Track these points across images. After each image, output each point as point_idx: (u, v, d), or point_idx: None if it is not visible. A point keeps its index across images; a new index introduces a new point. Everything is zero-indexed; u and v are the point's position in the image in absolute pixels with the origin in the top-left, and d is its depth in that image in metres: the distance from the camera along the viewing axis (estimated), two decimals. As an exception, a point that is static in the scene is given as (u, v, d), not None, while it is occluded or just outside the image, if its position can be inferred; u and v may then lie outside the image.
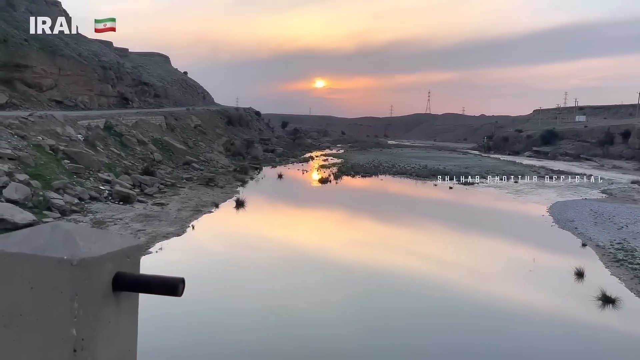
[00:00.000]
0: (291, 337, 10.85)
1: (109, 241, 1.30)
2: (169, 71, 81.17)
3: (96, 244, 1.24)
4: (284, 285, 14.29)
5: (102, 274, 1.22)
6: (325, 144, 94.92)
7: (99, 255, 1.22)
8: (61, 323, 1.17)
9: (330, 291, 14.06)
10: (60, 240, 1.22)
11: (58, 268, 1.18)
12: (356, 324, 11.77)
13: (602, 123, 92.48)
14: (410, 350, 10.48)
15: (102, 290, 1.22)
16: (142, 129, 37.53)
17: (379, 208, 28.79)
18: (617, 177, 50.37)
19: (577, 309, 13.05)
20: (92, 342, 1.20)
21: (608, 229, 22.14)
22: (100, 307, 1.22)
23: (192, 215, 22.22)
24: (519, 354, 10.59)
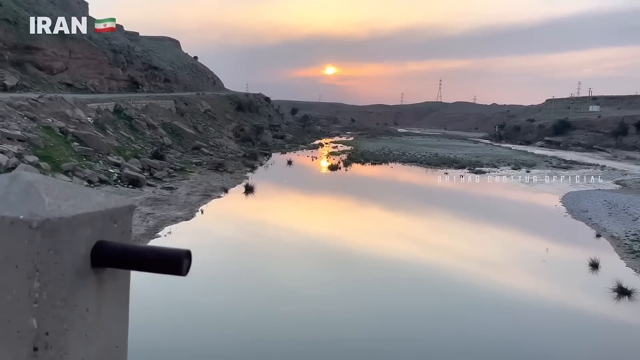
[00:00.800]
0: (297, 322, 10.71)
1: (87, 198, 0.96)
2: (179, 56, 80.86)
3: (69, 201, 0.91)
4: (291, 272, 14.15)
5: (75, 242, 0.89)
6: (334, 131, 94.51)
7: (72, 215, 0.88)
8: (15, 311, 0.85)
9: (339, 278, 13.89)
10: (18, 194, 0.88)
11: (10, 232, 0.85)
12: (363, 312, 11.60)
13: (616, 113, 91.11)
14: (420, 340, 10.30)
15: (75, 265, 0.89)
16: (151, 113, 37.40)
17: (390, 196, 28.53)
18: (630, 168, 49.60)
19: (592, 301, 12.78)
20: (62, 337, 0.88)
21: (623, 220, 21.74)
22: (72, 289, 0.89)
23: (201, 200, 22.13)
24: (533, 344, 10.37)
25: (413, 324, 11.02)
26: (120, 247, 0.96)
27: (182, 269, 0.93)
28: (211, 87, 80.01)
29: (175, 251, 0.94)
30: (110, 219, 0.99)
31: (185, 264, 0.94)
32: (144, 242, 15.14)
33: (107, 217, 0.98)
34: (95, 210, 0.94)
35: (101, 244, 0.94)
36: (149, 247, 0.96)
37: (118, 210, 1.02)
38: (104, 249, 0.94)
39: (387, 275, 14.45)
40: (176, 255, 0.94)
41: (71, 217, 0.88)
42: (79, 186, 1.05)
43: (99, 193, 1.02)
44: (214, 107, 54.71)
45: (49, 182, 0.93)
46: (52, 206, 0.87)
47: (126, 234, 1.04)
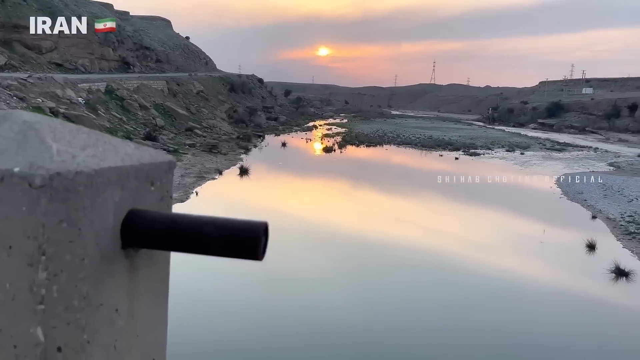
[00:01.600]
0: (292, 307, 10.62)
1: (112, 148, 0.68)
2: (171, 36, 79.62)
3: (86, 150, 0.62)
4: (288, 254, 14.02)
5: (99, 210, 0.61)
6: (328, 113, 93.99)
7: (94, 170, 0.60)
8: (11, 316, 0.56)
9: (336, 261, 13.80)
10: (11, 139, 0.59)
11: (5, 192, 0.56)
12: (361, 295, 11.53)
13: (609, 96, 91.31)
14: (418, 323, 10.25)
15: (100, 244, 0.62)
16: (143, 94, 36.85)
17: (385, 178, 28.41)
18: (623, 151, 49.82)
19: (590, 282, 12.80)
20: (81, 354, 0.60)
21: (618, 202, 21.81)
22: (96, 281, 0.62)
23: (195, 182, 21.89)
24: (531, 324, 10.36)
25: (411, 308, 10.96)
26: (164, 219, 0.69)
27: (259, 250, 0.66)
28: (203, 68, 79.02)
29: (248, 225, 0.67)
30: (146, 179, 0.71)
31: (262, 243, 0.67)
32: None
33: (141, 175, 0.70)
34: (125, 164, 0.67)
35: (136, 215, 0.68)
36: (205, 219, 0.68)
37: (156, 166, 0.74)
38: (141, 220, 0.67)
39: (384, 257, 14.38)
40: (250, 230, 0.66)
41: (93, 171, 0.59)
42: (98, 132, 0.72)
43: (127, 142, 0.74)
44: (206, 88, 54.05)
45: (55, 124, 0.65)
46: (63, 155, 0.58)
47: (166, 201, 0.76)
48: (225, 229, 0.66)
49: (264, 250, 0.68)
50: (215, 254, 0.68)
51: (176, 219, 0.69)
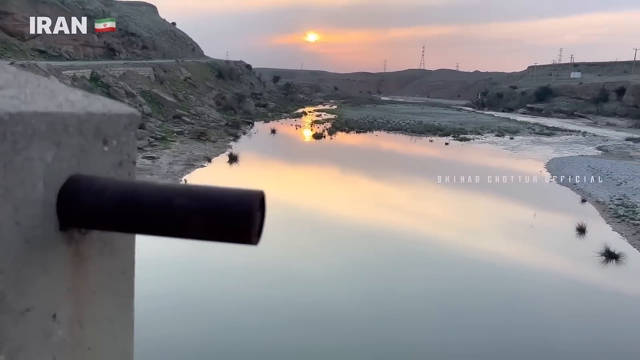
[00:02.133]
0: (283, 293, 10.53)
1: (47, 92, 0.52)
2: (157, 22, 78.33)
3: (4, 90, 0.47)
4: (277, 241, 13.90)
5: (19, 172, 0.45)
6: (317, 100, 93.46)
7: (8, 114, 0.44)
8: None
9: (325, 247, 13.72)
10: None
11: None
12: (350, 280, 11.47)
13: (597, 80, 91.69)
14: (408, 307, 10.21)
15: (21, 224, 0.46)
16: (130, 81, 36.26)
17: (376, 164, 28.30)
18: (611, 134, 50.16)
19: (581, 265, 12.84)
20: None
21: (607, 185, 21.91)
22: (17, 278, 0.46)
23: (184, 170, 21.65)
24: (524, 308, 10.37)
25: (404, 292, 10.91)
26: (119, 188, 0.51)
27: (252, 230, 0.49)
28: (190, 54, 77.98)
29: (237, 195, 0.50)
30: (96, 135, 0.55)
31: (257, 221, 0.50)
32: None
33: (88, 129, 0.53)
34: (63, 111, 0.50)
35: (79, 182, 0.51)
36: (177, 188, 0.51)
37: (110, 119, 0.57)
38: (86, 190, 0.50)
39: (376, 242, 14.33)
40: (239, 202, 0.49)
41: (7, 116, 0.43)
42: (30, 73, 0.56)
43: (74, 90, 0.59)
44: (194, 74, 53.37)
45: None
46: None
47: (127, 168, 0.59)
48: (205, 201, 0.49)
49: (260, 230, 0.51)
50: (192, 237, 0.50)
51: (137, 187, 0.51)
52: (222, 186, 0.51)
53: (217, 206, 0.48)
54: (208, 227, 0.48)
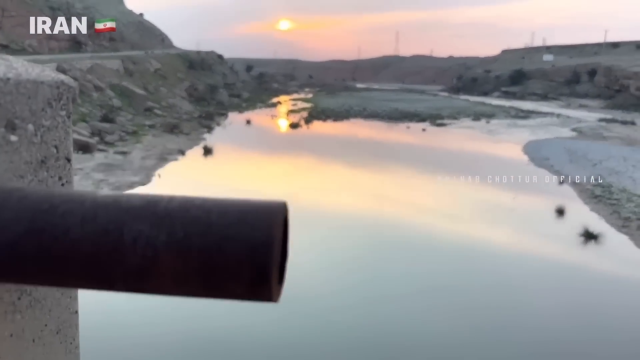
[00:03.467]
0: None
1: None
2: (124, 12, 76.25)
3: None
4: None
5: None
6: (292, 88, 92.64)
7: None
8: None
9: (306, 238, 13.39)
10: None
11: None
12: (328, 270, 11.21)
13: (569, 62, 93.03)
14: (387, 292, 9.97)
15: None
16: (98, 74, 35.09)
17: (353, 152, 28.02)
18: (584, 116, 50.85)
19: (560, 247, 12.79)
20: None
21: (583, 166, 22.07)
22: None
23: (157, 164, 21.00)
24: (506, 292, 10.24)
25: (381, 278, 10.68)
26: (29, 206, 0.32)
27: (270, 284, 0.34)
28: (160, 45, 76.27)
29: (243, 217, 0.32)
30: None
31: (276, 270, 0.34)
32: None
33: None
34: None
35: None
36: (135, 201, 0.33)
37: (20, 91, 0.40)
38: None
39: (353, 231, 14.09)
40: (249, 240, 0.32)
41: None
42: None
43: None
44: (164, 66, 52.11)
45: None
46: None
47: (56, 170, 0.44)
48: (185, 231, 0.31)
49: (283, 275, 0.36)
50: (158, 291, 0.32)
51: (61, 202, 0.32)
52: (212, 197, 0.34)
53: (207, 242, 0.30)
54: (189, 278, 0.31)
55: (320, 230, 13.93)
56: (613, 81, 67.80)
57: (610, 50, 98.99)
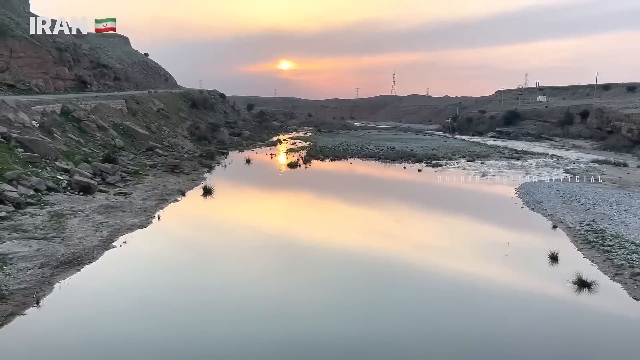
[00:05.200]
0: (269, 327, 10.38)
1: None
2: (129, 53, 78.09)
3: None
4: (257, 274, 13.75)
5: None
6: (292, 127, 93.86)
7: None
8: None
9: (306, 277, 13.61)
10: None
11: None
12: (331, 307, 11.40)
13: (562, 103, 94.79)
14: (385, 332, 10.17)
15: None
16: (102, 114, 35.84)
17: (351, 192, 28.45)
18: (578, 157, 51.64)
19: (554, 294, 13.01)
20: None
21: (576, 210, 22.45)
22: None
23: (157, 205, 21.32)
24: (500, 336, 10.44)
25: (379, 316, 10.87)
26: None
27: None
28: (163, 84, 77.78)
29: None
30: None
31: None
32: (98, 254, 14.38)
33: None
34: None
35: None
36: None
37: None
38: None
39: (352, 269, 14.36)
40: None
41: None
42: None
43: None
44: (167, 105, 53.13)
45: None
46: None
47: None
48: None
49: None
50: None
51: None
52: None
53: None
54: None
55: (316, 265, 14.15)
56: (605, 122, 69.00)
57: (602, 92, 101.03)
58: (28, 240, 14.30)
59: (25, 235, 14.71)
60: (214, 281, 13.40)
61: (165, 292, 12.41)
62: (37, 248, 13.77)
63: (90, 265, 13.53)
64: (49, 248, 13.96)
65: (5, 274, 11.78)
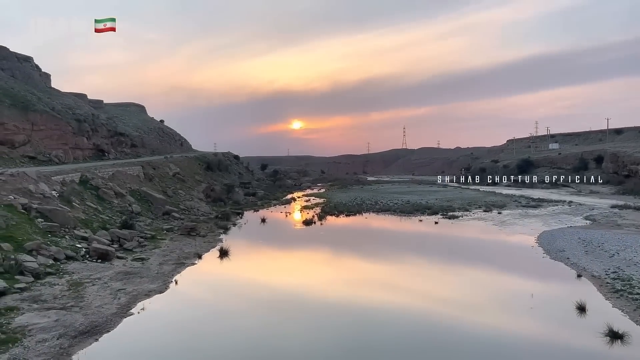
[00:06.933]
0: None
1: None
2: (145, 120, 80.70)
3: None
4: (278, 337, 13.45)
5: None
6: (305, 184, 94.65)
7: None
8: None
9: (329, 339, 13.27)
10: None
11: None
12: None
13: (575, 150, 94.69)
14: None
15: None
16: (119, 181, 36.61)
17: (369, 248, 28.18)
18: (596, 202, 50.94)
19: (585, 347, 12.48)
20: None
21: (600, 258, 21.90)
22: None
23: (174, 269, 21.28)
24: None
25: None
26: None
27: None
28: (179, 149, 79.68)
29: None
30: None
31: None
32: (116, 322, 14.27)
33: None
34: None
35: None
36: None
37: None
38: None
39: (376, 328, 13.97)
40: None
41: None
42: None
43: None
44: (182, 169, 54.19)
45: None
46: None
47: None
48: None
49: None
50: None
51: None
52: None
53: None
54: None
55: (336, 325, 13.82)
56: (621, 167, 68.51)
57: (614, 137, 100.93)
58: (47, 310, 14.28)
59: (44, 305, 14.71)
60: (232, 345, 13.14)
61: (183, 358, 12.18)
62: (55, 318, 13.71)
63: (109, 334, 13.40)
64: (67, 318, 13.89)
65: (24, 347, 11.70)
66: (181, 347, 13.17)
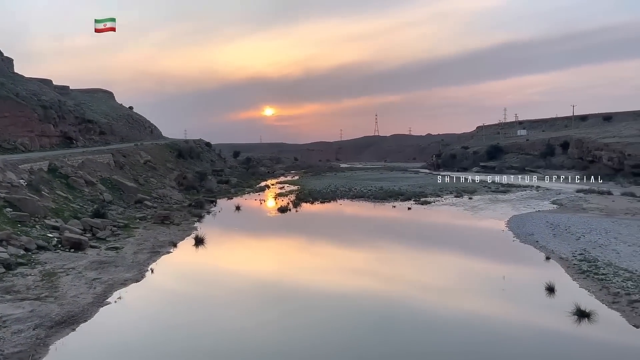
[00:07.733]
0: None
1: None
2: (114, 107, 78.82)
3: None
4: (256, 324, 13.55)
5: None
6: (279, 171, 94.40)
7: None
8: None
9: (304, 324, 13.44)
10: None
11: None
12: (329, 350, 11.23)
13: (542, 136, 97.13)
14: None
15: None
16: (89, 169, 35.82)
17: (343, 233, 28.45)
18: (562, 187, 52.55)
19: (555, 326, 13.01)
20: None
21: (567, 240, 22.71)
22: None
23: (149, 258, 21.08)
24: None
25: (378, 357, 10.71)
26: None
27: None
28: (149, 136, 78.25)
29: None
30: None
31: None
32: (93, 311, 14.12)
33: None
34: None
35: None
36: None
37: None
38: None
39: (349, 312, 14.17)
40: None
41: None
42: None
43: None
44: (153, 157, 53.32)
45: None
46: None
47: None
48: None
49: None
50: None
51: None
52: None
53: None
54: None
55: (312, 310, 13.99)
56: (586, 152, 70.66)
57: (580, 123, 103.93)
58: (21, 301, 14.01)
59: (18, 296, 14.42)
60: (211, 334, 13.16)
61: (162, 347, 12.17)
62: (30, 309, 13.47)
63: (86, 323, 13.25)
64: (42, 308, 13.66)
65: (0, 338, 11.49)
66: (160, 334, 13.15)
